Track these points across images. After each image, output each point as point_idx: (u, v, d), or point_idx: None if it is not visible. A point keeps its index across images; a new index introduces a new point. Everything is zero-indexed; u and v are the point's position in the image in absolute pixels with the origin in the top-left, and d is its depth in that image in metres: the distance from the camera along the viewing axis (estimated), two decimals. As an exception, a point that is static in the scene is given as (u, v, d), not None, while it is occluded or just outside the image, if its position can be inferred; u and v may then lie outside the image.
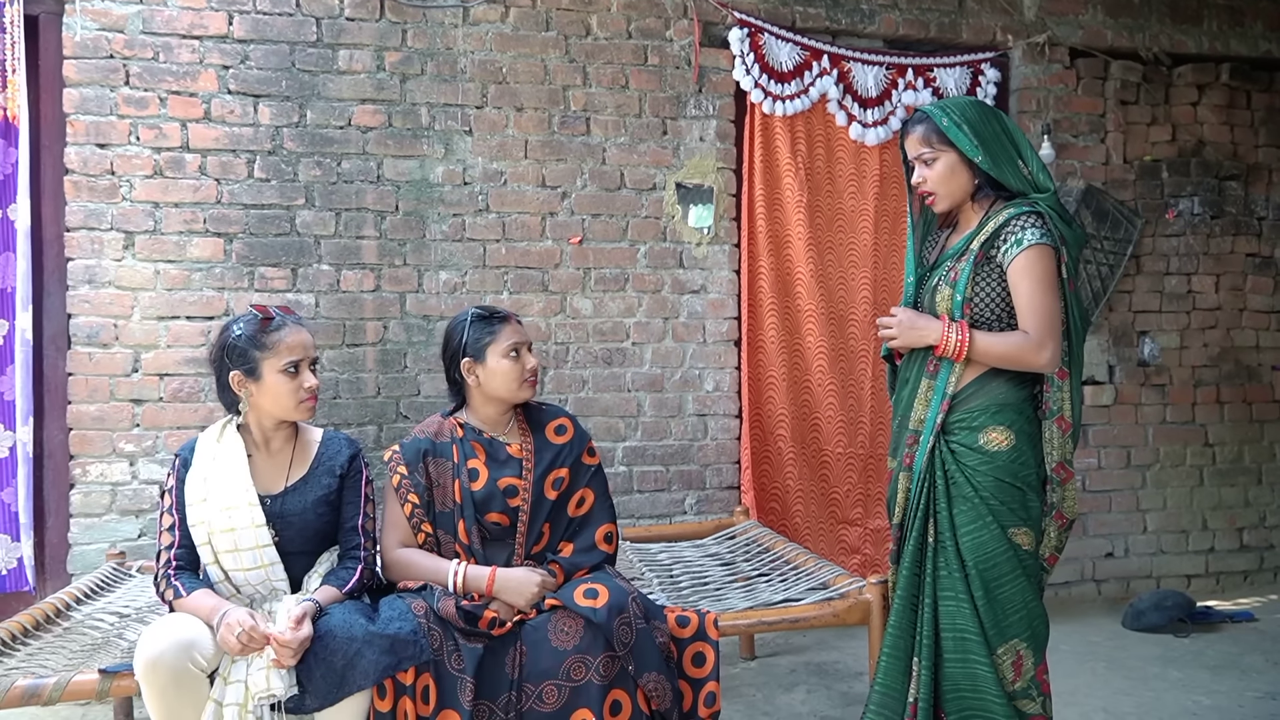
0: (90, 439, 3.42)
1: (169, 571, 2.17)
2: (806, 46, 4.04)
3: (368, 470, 2.37)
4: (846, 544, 4.07)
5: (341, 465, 2.32)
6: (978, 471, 2.15)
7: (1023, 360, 2.14)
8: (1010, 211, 2.16)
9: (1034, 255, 2.11)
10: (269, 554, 2.19)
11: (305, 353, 2.25)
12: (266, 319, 2.25)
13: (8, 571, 3.34)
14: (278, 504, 2.24)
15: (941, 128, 2.19)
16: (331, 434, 2.40)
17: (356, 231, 3.65)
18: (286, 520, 2.24)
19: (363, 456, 2.38)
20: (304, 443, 2.34)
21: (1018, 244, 2.13)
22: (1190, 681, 3.36)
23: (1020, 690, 2.16)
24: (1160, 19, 4.41)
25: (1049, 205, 2.16)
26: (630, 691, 2.18)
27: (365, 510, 2.33)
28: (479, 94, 3.76)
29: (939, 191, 2.24)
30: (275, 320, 2.25)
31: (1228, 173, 4.53)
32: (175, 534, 2.20)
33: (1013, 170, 2.19)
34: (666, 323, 3.93)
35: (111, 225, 3.44)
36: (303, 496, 2.27)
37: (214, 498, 2.19)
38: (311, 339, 2.29)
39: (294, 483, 2.28)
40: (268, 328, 2.24)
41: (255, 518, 2.19)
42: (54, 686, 2.08)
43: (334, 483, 2.30)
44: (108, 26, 3.44)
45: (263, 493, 2.23)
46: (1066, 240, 2.16)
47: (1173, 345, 4.48)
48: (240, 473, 2.22)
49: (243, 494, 2.20)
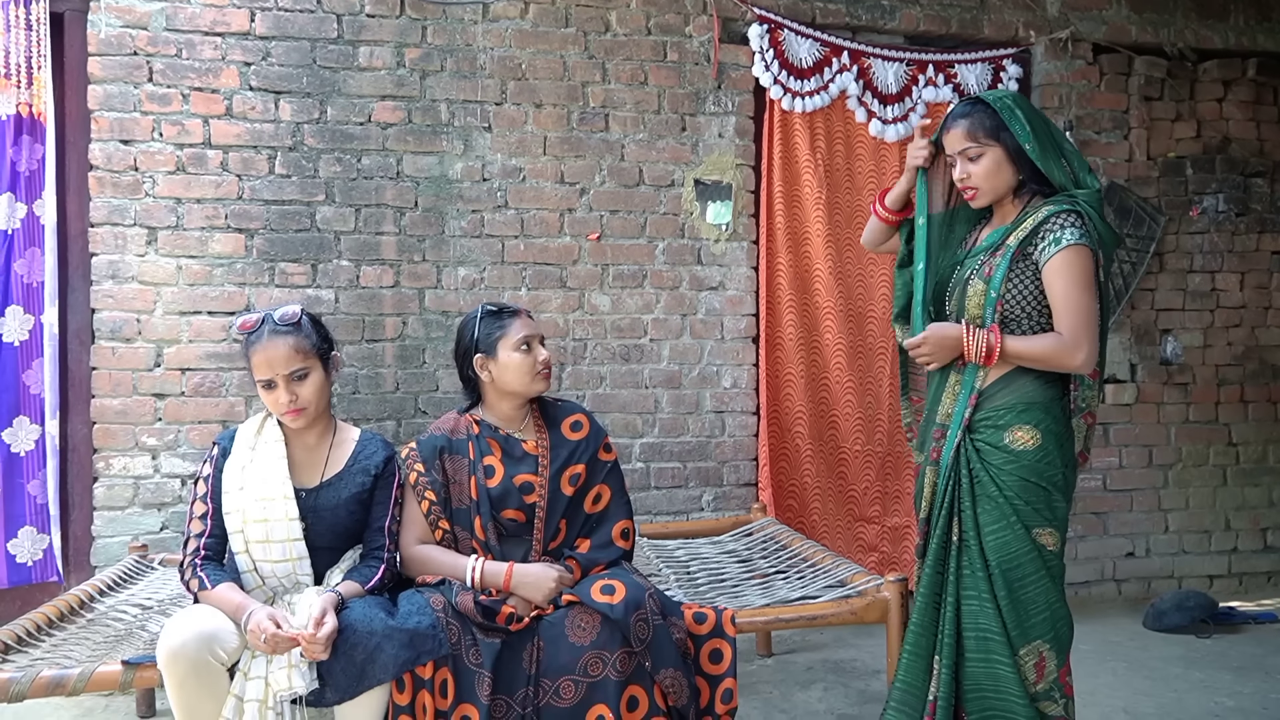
0: (113, 433, 3.46)
1: (195, 561, 2.19)
2: (826, 43, 4.02)
3: (400, 474, 2.37)
4: (864, 542, 4.06)
5: (377, 466, 2.33)
6: (1003, 471, 2.13)
7: (1058, 361, 2.11)
8: (1050, 209, 2.13)
9: (1072, 255, 2.08)
10: (299, 548, 2.21)
11: (273, 371, 2.21)
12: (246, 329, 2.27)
13: (34, 563, 3.38)
14: (312, 498, 2.26)
15: (998, 108, 2.17)
16: (369, 435, 2.41)
17: (376, 227, 3.67)
18: (318, 514, 2.26)
19: (398, 460, 2.39)
20: (341, 440, 2.36)
21: (1055, 243, 2.10)
22: (1213, 683, 3.33)
23: (1042, 692, 2.14)
24: (1185, 14, 4.36)
25: (1089, 204, 2.13)
26: (647, 687, 2.18)
27: (394, 513, 2.33)
28: (498, 90, 3.77)
29: (981, 187, 2.21)
30: (251, 335, 2.26)
31: (1253, 169, 4.47)
32: (207, 523, 2.22)
33: (1057, 165, 2.16)
34: (684, 319, 3.93)
35: (135, 221, 3.48)
36: (336, 493, 2.28)
37: (251, 486, 2.21)
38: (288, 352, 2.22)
39: (329, 478, 2.30)
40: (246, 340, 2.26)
41: (289, 510, 2.21)
42: (78, 677, 2.11)
43: (368, 481, 2.31)
44: (131, 24, 3.47)
45: (298, 485, 2.25)
46: (1104, 242, 2.13)
47: (1196, 344, 4.43)
48: (278, 464, 2.24)
49: (279, 485, 2.22)
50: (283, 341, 2.22)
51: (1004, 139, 2.17)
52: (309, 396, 2.25)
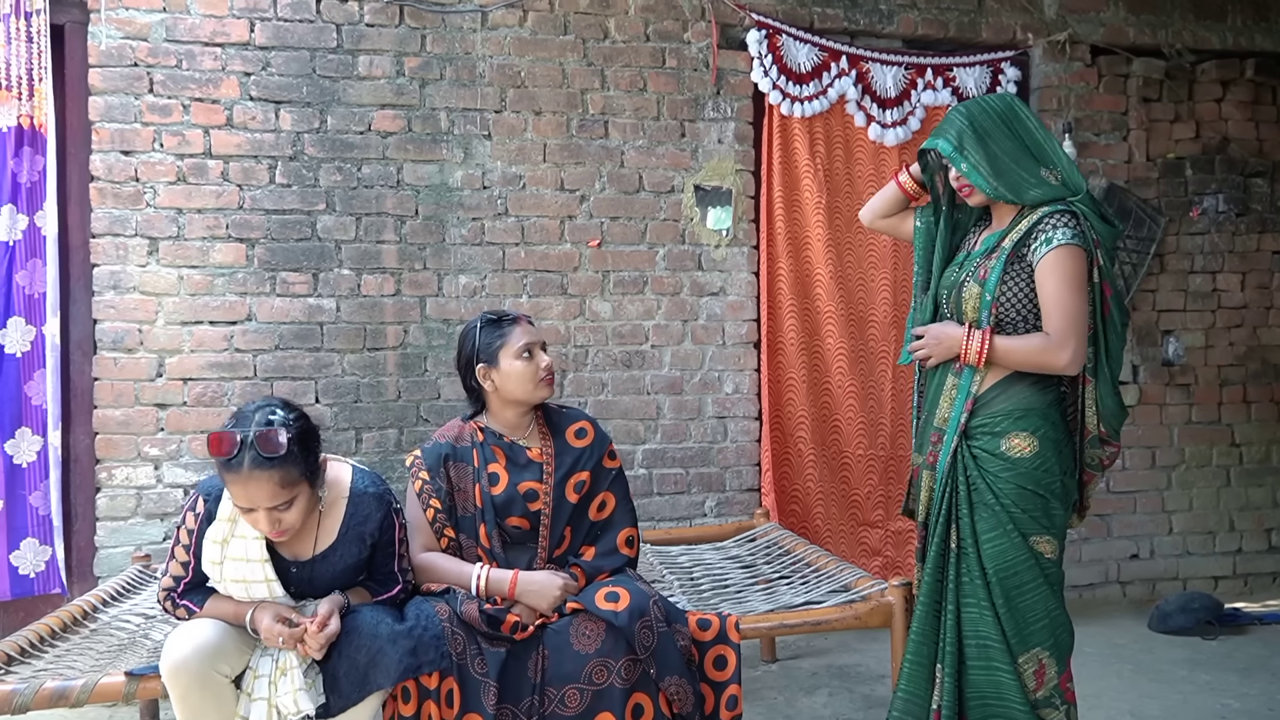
0: (116, 443, 3.46)
1: (175, 595, 2.11)
2: (825, 47, 4.02)
3: (399, 518, 2.21)
4: (868, 546, 4.05)
5: (372, 533, 2.14)
6: (999, 478, 2.13)
7: (1044, 362, 2.10)
8: (1044, 210, 2.13)
9: (1062, 255, 2.08)
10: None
11: (253, 504, 1.95)
12: (221, 454, 1.93)
13: (36, 575, 3.38)
14: (306, 571, 2.13)
15: (943, 152, 2.18)
16: (360, 489, 2.16)
17: (377, 236, 3.67)
18: (313, 585, 2.14)
19: (394, 507, 2.19)
20: (332, 501, 2.13)
21: (1047, 243, 2.09)
22: (1219, 684, 3.32)
23: (1043, 699, 2.13)
24: (1183, 15, 4.36)
25: (1083, 205, 2.12)
26: (652, 695, 2.17)
27: (400, 552, 2.21)
28: (497, 98, 3.77)
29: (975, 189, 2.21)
30: (229, 461, 1.93)
31: (1253, 169, 4.47)
32: (188, 572, 2.10)
33: (1037, 185, 2.14)
34: (686, 325, 3.93)
35: (136, 231, 3.48)
36: (331, 565, 2.14)
37: (230, 566, 2.06)
38: (273, 489, 1.93)
39: (322, 550, 2.13)
40: (222, 464, 1.94)
41: (273, 591, 2.07)
42: (81, 688, 2.11)
43: (364, 550, 2.15)
44: (132, 35, 3.48)
45: (290, 558, 2.11)
46: (1102, 242, 2.11)
47: (1198, 344, 4.43)
48: (256, 548, 2.05)
49: (260, 570, 2.06)
50: (266, 478, 1.92)
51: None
52: (294, 521, 2.01)
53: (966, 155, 2.16)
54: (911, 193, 2.42)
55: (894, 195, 2.44)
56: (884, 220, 2.48)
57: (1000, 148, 2.15)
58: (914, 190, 2.41)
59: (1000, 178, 2.14)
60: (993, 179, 2.14)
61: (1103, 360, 2.15)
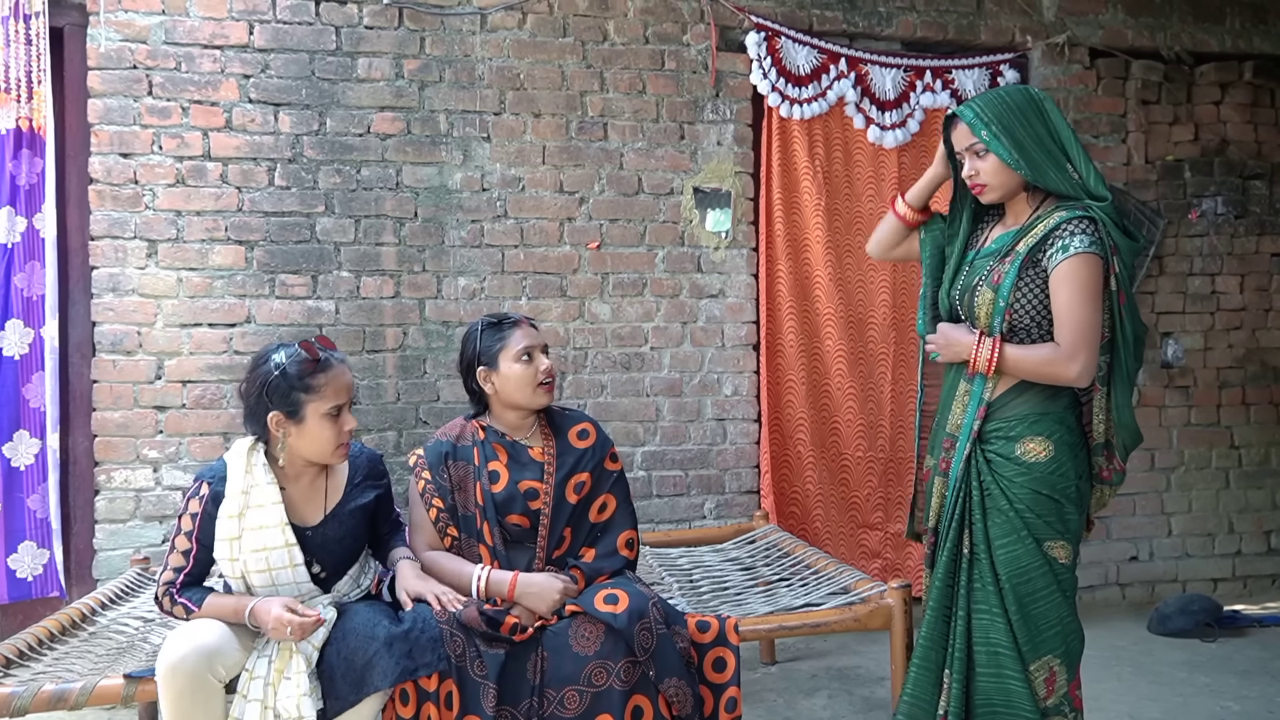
0: (114, 445, 3.46)
1: (173, 591, 2.13)
2: (824, 49, 4.03)
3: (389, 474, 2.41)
4: (867, 548, 4.05)
5: (374, 479, 2.32)
6: (1014, 483, 2.10)
7: (1053, 373, 2.06)
8: (1062, 215, 2.07)
9: (1078, 263, 2.02)
10: (305, 587, 2.18)
11: (350, 395, 2.18)
12: (313, 360, 2.13)
13: (34, 578, 3.37)
14: (319, 534, 2.20)
15: (967, 122, 2.12)
16: (355, 451, 2.33)
17: (376, 238, 3.67)
18: (328, 549, 2.20)
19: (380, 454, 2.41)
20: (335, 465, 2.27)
21: (1063, 250, 2.04)
22: (1218, 686, 3.32)
23: (1053, 706, 2.11)
24: (1182, 18, 4.37)
25: (1104, 212, 2.06)
26: (651, 697, 2.17)
27: (395, 507, 2.42)
28: (497, 100, 3.77)
29: (990, 184, 2.14)
30: (323, 360, 2.14)
31: (1252, 172, 4.47)
32: (189, 560, 2.14)
33: (1059, 176, 2.09)
34: (685, 327, 3.93)
35: (135, 234, 3.48)
36: (342, 524, 2.23)
37: (249, 536, 2.12)
38: (351, 380, 2.21)
39: (333, 509, 2.23)
40: (314, 369, 2.12)
41: (294, 556, 2.14)
42: (80, 691, 2.11)
43: (370, 502, 2.29)
44: (131, 37, 3.48)
45: (300, 524, 2.18)
46: (1120, 250, 2.06)
47: (1197, 346, 4.43)
48: (275, 513, 2.14)
49: (279, 534, 2.13)
50: (345, 367, 2.20)
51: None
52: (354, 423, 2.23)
53: (989, 124, 2.09)
54: (910, 220, 2.38)
55: (894, 225, 2.40)
56: (894, 252, 2.45)
57: (1025, 130, 2.10)
58: (912, 217, 2.38)
59: (1021, 152, 2.08)
60: (1014, 150, 2.08)
61: (1119, 369, 2.10)
